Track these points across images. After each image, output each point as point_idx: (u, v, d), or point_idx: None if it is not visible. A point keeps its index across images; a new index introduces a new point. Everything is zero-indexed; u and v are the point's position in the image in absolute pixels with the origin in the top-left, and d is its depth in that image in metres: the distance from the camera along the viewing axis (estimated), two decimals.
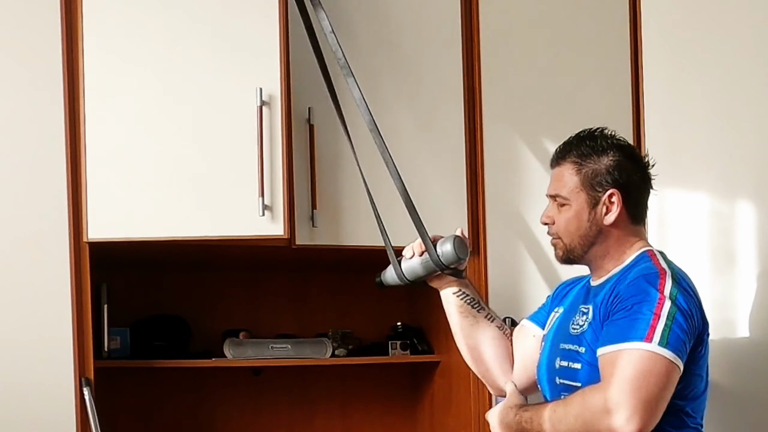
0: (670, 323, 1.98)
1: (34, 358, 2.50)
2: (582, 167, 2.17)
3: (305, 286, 3.26)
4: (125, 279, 2.97)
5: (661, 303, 2.00)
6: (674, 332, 1.98)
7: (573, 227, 2.18)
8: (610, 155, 2.17)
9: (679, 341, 1.98)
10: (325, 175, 2.73)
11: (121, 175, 2.56)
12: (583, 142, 2.20)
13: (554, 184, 2.22)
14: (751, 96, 2.90)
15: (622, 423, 1.93)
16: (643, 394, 1.94)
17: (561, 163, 2.21)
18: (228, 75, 2.59)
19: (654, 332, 1.97)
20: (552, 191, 2.22)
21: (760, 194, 2.89)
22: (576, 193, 2.17)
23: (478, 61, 2.96)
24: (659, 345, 1.96)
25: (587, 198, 2.17)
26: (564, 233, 2.19)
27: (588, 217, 2.17)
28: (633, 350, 1.97)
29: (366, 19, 2.84)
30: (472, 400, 2.96)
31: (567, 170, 2.19)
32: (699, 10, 3.02)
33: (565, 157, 2.20)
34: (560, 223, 2.20)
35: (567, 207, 2.18)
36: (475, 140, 2.95)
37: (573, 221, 2.18)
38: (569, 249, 2.19)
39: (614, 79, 3.11)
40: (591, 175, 2.17)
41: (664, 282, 2.04)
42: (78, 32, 2.55)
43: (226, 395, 3.16)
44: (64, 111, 2.54)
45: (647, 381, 1.95)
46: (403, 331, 3.20)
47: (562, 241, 2.20)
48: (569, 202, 2.18)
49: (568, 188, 2.18)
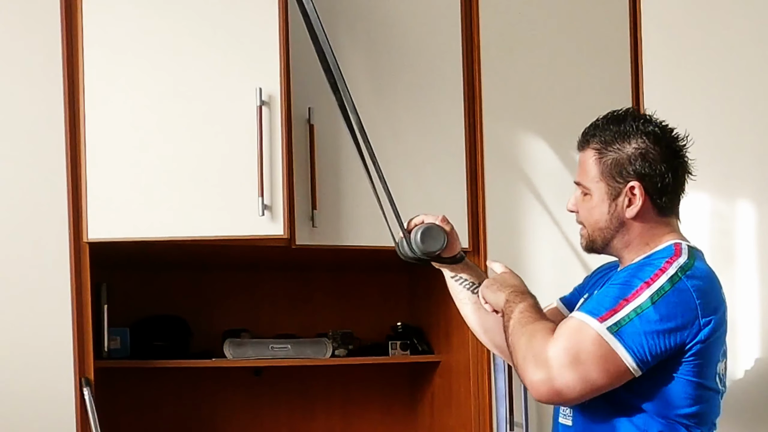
0: (634, 315, 1.90)
1: (34, 358, 2.50)
2: (603, 155, 2.04)
3: (305, 286, 3.26)
4: (125, 279, 2.97)
5: (637, 292, 1.92)
6: (633, 327, 1.89)
7: (593, 218, 2.07)
8: (634, 142, 2.02)
9: (634, 337, 1.89)
10: (325, 175, 2.73)
11: (121, 175, 2.56)
12: (608, 125, 2.06)
13: (578, 171, 2.10)
14: (751, 95, 2.90)
15: (539, 380, 1.91)
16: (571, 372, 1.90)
17: (585, 148, 2.08)
18: (228, 75, 2.59)
19: (612, 315, 1.90)
20: (576, 178, 2.11)
21: (760, 194, 2.89)
22: (596, 183, 2.05)
23: (478, 61, 2.96)
24: (608, 330, 1.90)
25: (607, 189, 2.04)
26: (586, 222, 2.09)
27: (609, 209, 2.05)
28: (583, 324, 1.92)
29: (366, 19, 2.84)
30: (472, 400, 2.96)
31: (589, 157, 2.06)
32: (699, 9, 3.02)
33: (589, 142, 2.07)
34: (582, 212, 2.09)
35: (588, 197, 2.07)
36: (475, 140, 2.95)
37: (594, 212, 2.07)
38: (591, 239, 2.10)
39: (614, 78, 3.11)
40: (612, 165, 2.03)
41: (660, 275, 1.93)
42: (78, 32, 2.55)
43: (226, 395, 3.16)
44: (64, 111, 2.54)
45: (581, 357, 1.89)
46: (403, 331, 3.20)
47: (586, 230, 2.10)
48: (590, 191, 2.07)
49: (590, 177, 2.06)
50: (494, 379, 2.93)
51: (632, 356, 1.90)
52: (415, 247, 2.20)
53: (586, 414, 2.05)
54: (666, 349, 1.92)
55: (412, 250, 2.21)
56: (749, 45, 2.92)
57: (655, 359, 1.92)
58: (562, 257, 2.99)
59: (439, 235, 2.20)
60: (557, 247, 3.00)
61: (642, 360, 1.91)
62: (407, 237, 2.21)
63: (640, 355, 1.90)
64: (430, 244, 2.20)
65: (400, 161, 2.85)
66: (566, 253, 2.98)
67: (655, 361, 1.92)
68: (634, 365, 1.91)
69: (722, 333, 2.01)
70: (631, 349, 1.90)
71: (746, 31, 2.93)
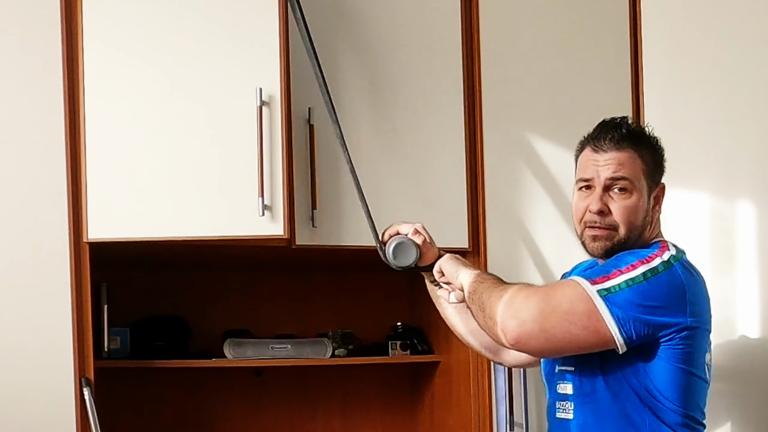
0: (625, 286, 1.94)
1: (34, 358, 2.50)
2: (643, 156, 2.08)
3: (305, 286, 3.26)
4: (125, 279, 2.97)
5: (632, 267, 1.96)
6: (622, 295, 1.93)
7: (634, 215, 2.06)
8: (658, 150, 2.13)
9: (622, 306, 1.93)
10: (325, 175, 2.73)
11: (121, 175, 2.56)
12: (638, 133, 2.11)
13: (615, 167, 2.06)
14: (751, 95, 2.90)
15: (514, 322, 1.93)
16: (550, 320, 1.93)
17: (623, 148, 2.07)
18: (228, 75, 2.59)
19: (604, 281, 1.94)
20: (614, 173, 2.06)
21: (760, 194, 2.88)
22: (641, 181, 2.08)
23: (478, 61, 2.96)
24: (597, 293, 1.93)
25: (647, 188, 2.09)
26: (623, 221, 2.06)
27: (647, 207, 2.09)
28: (574, 282, 1.97)
29: (366, 19, 2.84)
30: (472, 400, 2.96)
31: (628, 155, 2.07)
32: (699, 9, 3.02)
33: (624, 144, 2.08)
34: (619, 210, 2.06)
35: (628, 193, 2.06)
36: (475, 141, 2.95)
37: (636, 209, 2.07)
38: (624, 240, 2.06)
39: (614, 79, 3.11)
40: (653, 165, 2.09)
41: (654, 257, 1.99)
42: (78, 32, 2.55)
43: (226, 395, 3.16)
44: (64, 111, 2.54)
45: (564, 307, 1.93)
46: (403, 331, 3.20)
47: (616, 232, 2.07)
48: (634, 188, 2.07)
49: (635, 174, 2.07)
50: (494, 379, 2.93)
51: (616, 322, 1.94)
52: (389, 260, 2.27)
53: (589, 407, 2.06)
54: (649, 323, 1.95)
55: (387, 261, 2.28)
56: (749, 45, 2.92)
57: (638, 333, 1.95)
58: (562, 257, 2.98)
59: (410, 250, 2.25)
60: (557, 247, 3.00)
61: (624, 329, 1.94)
62: (382, 249, 2.28)
63: (624, 324, 1.94)
64: (402, 259, 2.26)
65: (400, 161, 2.85)
66: (566, 253, 2.97)
67: (638, 335, 1.95)
68: (617, 332, 1.94)
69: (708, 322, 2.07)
70: (616, 315, 1.94)
71: (746, 31, 2.93)
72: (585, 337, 1.95)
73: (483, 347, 2.35)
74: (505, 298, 1.99)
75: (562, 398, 2.14)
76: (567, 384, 2.12)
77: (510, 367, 2.58)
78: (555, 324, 1.94)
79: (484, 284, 2.07)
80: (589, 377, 2.05)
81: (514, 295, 1.98)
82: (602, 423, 2.06)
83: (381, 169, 2.82)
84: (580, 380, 2.08)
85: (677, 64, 3.05)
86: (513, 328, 1.95)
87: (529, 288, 2.01)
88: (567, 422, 2.12)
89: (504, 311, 1.97)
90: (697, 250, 2.92)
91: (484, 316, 2.03)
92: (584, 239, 2.12)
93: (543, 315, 1.94)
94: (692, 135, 2.99)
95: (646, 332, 1.96)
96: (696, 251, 2.91)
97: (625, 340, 1.95)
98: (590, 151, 2.11)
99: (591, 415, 2.07)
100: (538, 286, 2.04)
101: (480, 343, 2.34)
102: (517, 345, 1.98)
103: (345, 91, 2.77)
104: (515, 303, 1.97)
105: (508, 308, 1.96)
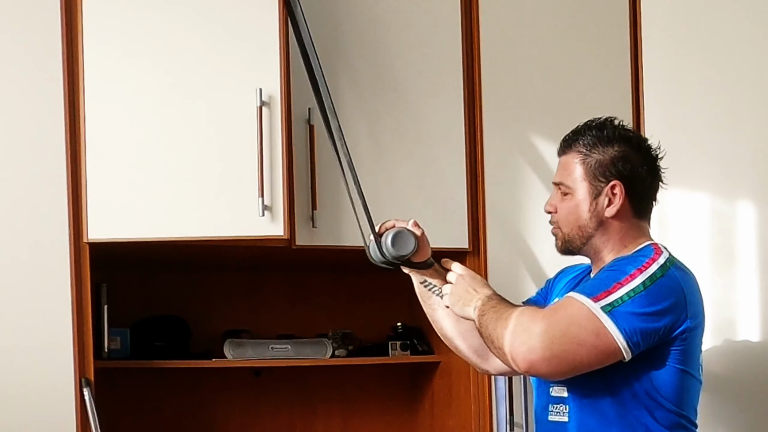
0: (627, 298, 1.96)
1: (34, 358, 2.50)
2: (587, 157, 2.13)
3: (305, 286, 3.26)
4: (125, 279, 2.97)
5: (631, 277, 1.99)
6: (626, 308, 1.96)
7: (573, 217, 2.14)
8: (616, 146, 2.12)
9: (626, 318, 1.95)
10: (325, 175, 2.73)
11: (121, 175, 2.56)
12: (590, 131, 2.15)
13: (559, 172, 2.18)
14: (751, 95, 2.90)
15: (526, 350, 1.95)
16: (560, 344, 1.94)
17: (567, 152, 2.17)
18: (228, 75, 2.59)
19: (606, 296, 1.97)
20: (556, 179, 2.19)
21: (760, 194, 2.89)
22: (579, 183, 2.13)
23: (478, 61, 2.96)
24: (602, 309, 1.95)
25: (589, 188, 2.13)
26: (564, 223, 2.16)
27: (589, 208, 2.13)
28: (576, 302, 1.98)
29: (366, 18, 2.84)
30: (472, 400, 2.96)
31: (572, 159, 2.15)
32: (699, 9, 3.02)
33: (571, 146, 2.16)
34: (561, 212, 2.16)
35: (569, 196, 2.15)
36: (475, 141, 2.95)
37: (574, 211, 2.14)
38: (567, 239, 2.16)
39: (614, 78, 3.11)
40: (595, 166, 2.12)
41: (651, 264, 2.01)
42: (78, 32, 2.55)
43: (226, 395, 3.16)
44: (64, 111, 2.54)
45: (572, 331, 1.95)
46: (403, 331, 3.20)
47: (561, 231, 2.17)
48: (572, 191, 2.14)
49: (572, 177, 2.14)
50: (494, 380, 2.93)
51: (624, 336, 1.96)
52: (385, 250, 2.23)
53: (586, 410, 2.07)
54: (656, 330, 1.98)
55: (382, 253, 2.24)
56: (749, 45, 2.92)
57: (646, 341, 1.98)
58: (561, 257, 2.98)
59: (409, 240, 2.23)
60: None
61: (633, 341, 1.96)
62: (378, 240, 2.24)
63: (632, 336, 1.96)
64: (400, 248, 2.22)
65: (400, 161, 2.85)
66: None
67: (645, 343, 1.98)
68: (625, 345, 1.96)
69: (703, 320, 2.09)
70: (623, 329, 1.96)
71: (746, 31, 2.93)
72: (596, 356, 1.98)
73: (472, 350, 2.32)
74: (510, 327, 2.00)
75: (556, 401, 2.14)
76: (562, 387, 2.12)
77: (496, 375, 2.56)
78: (565, 348, 1.96)
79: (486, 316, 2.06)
80: (587, 381, 2.05)
81: (518, 323, 1.99)
82: (601, 425, 2.06)
83: (381, 169, 2.82)
84: (577, 384, 2.08)
85: (677, 65, 3.05)
86: (523, 357, 1.97)
87: (532, 313, 2.01)
88: (563, 425, 2.12)
89: (512, 341, 1.98)
90: (697, 250, 2.94)
91: (494, 347, 2.05)
92: None
93: (552, 341, 1.95)
94: (692, 135, 2.99)
95: (652, 339, 1.99)
96: (696, 251, 2.92)
97: (632, 350, 1.98)
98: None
99: (589, 417, 2.07)
100: (540, 311, 2.03)
101: (469, 346, 2.32)
102: (529, 372, 2.02)
103: (345, 91, 2.77)
104: (521, 332, 1.98)
105: (516, 337, 1.98)
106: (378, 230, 2.27)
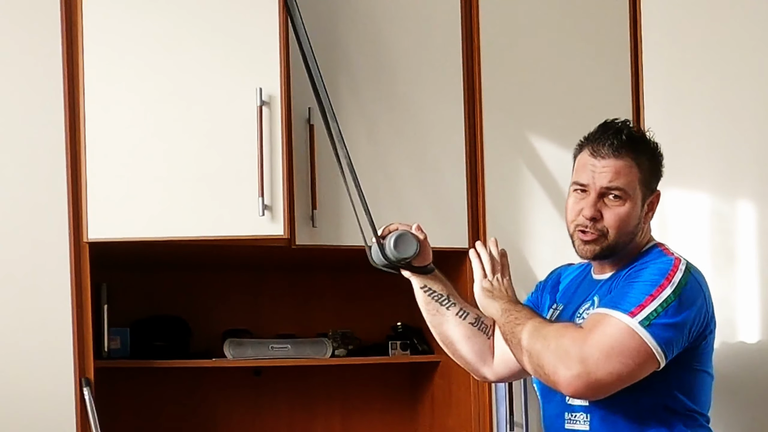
0: (661, 310, 1.97)
1: (34, 358, 2.50)
2: (640, 164, 2.10)
3: (305, 286, 3.26)
4: (125, 279, 2.97)
5: (661, 288, 1.99)
6: (661, 319, 1.97)
7: (625, 223, 2.09)
8: (656, 157, 2.15)
9: (664, 330, 1.97)
10: (325, 175, 2.73)
11: (121, 175, 2.56)
12: (637, 140, 2.12)
13: (611, 176, 2.08)
14: (751, 95, 2.90)
15: (574, 375, 1.95)
16: (604, 367, 1.95)
17: (619, 157, 2.09)
18: (228, 75, 2.59)
19: (641, 311, 1.97)
20: (609, 182, 2.08)
21: (760, 194, 2.89)
22: (636, 190, 2.10)
23: (478, 61, 2.96)
24: (640, 324, 1.96)
25: (642, 195, 2.11)
26: (614, 228, 2.09)
27: (640, 215, 2.11)
28: (614, 319, 1.98)
29: (366, 17, 2.84)
30: (472, 400, 2.96)
31: (626, 164, 2.09)
32: (699, 9, 3.02)
33: (622, 152, 2.09)
34: (611, 217, 2.09)
35: (622, 201, 2.09)
36: (475, 141, 2.95)
37: (628, 217, 2.09)
38: (613, 245, 2.10)
39: (614, 78, 3.11)
40: (648, 174, 2.11)
41: (675, 271, 2.02)
42: (78, 32, 2.55)
43: (226, 395, 3.16)
44: (64, 111, 2.54)
45: (616, 350, 1.95)
46: (403, 331, 3.20)
47: (606, 237, 2.10)
48: (629, 197, 2.09)
49: (631, 183, 2.10)
50: None
51: (662, 347, 1.97)
52: (388, 252, 2.23)
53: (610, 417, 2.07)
54: (687, 336, 2.01)
55: (385, 255, 2.24)
56: (749, 45, 2.92)
57: (677, 348, 2.01)
58: (562, 257, 2.98)
59: (412, 242, 2.23)
60: (558, 247, 2.99)
61: (669, 351, 1.99)
62: (380, 242, 2.24)
63: (668, 345, 1.98)
64: (403, 250, 2.22)
65: (400, 161, 2.85)
66: (567, 253, 2.96)
67: (677, 350, 2.01)
68: (662, 355, 1.98)
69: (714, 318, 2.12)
70: (662, 339, 1.97)
71: (746, 31, 2.93)
72: (638, 371, 1.99)
73: (473, 354, 2.32)
74: (551, 347, 2.00)
75: (572, 409, 2.13)
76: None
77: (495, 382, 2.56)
78: (609, 371, 1.96)
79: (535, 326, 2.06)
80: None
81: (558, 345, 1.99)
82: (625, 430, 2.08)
83: (380, 169, 2.82)
84: None
85: (677, 65, 3.05)
86: (567, 383, 1.97)
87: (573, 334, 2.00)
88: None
89: (554, 365, 1.98)
90: (697, 250, 2.93)
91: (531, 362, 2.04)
92: (575, 240, 2.16)
93: (597, 365, 1.96)
94: (692, 135, 2.99)
95: (685, 345, 2.03)
96: (696, 251, 2.92)
97: (667, 359, 2.00)
98: (588, 155, 2.12)
99: (612, 424, 2.08)
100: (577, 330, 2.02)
101: (470, 349, 2.31)
102: (574, 395, 2.04)
103: (344, 91, 2.77)
104: (563, 356, 1.98)
105: (559, 361, 1.98)
106: (381, 233, 2.27)
